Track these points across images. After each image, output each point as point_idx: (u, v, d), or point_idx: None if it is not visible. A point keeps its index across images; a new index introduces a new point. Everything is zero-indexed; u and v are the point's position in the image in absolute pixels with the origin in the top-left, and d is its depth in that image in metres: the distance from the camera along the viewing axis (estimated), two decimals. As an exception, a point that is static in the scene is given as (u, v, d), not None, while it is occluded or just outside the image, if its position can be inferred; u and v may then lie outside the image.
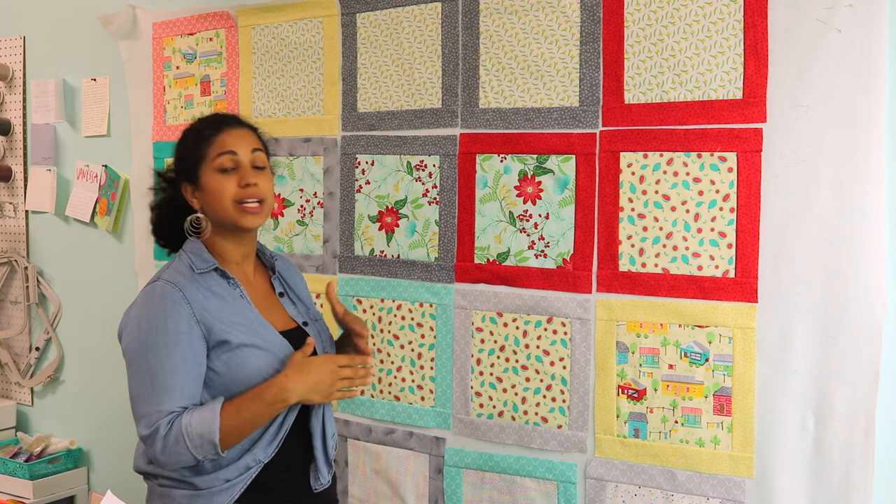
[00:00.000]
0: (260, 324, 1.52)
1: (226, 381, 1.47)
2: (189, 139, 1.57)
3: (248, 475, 1.49)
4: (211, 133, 1.54)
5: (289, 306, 1.64)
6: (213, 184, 1.51)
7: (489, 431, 2.08)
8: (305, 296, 1.72)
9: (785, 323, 1.75)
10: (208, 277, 1.52)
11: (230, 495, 1.48)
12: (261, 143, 1.59)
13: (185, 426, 1.40)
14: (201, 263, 1.52)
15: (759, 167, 1.76)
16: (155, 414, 1.41)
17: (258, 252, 1.67)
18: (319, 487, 1.58)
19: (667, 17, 1.84)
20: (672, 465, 1.86)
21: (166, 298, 1.46)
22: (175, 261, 1.55)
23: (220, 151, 1.52)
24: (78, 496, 2.92)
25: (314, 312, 1.71)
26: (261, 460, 1.49)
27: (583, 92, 1.94)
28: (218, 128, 1.55)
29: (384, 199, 2.21)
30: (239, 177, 1.52)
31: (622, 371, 1.91)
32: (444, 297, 2.13)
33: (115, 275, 2.80)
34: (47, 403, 3.07)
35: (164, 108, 2.62)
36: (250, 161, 1.53)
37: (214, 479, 1.48)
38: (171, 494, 1.50)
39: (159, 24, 2.61)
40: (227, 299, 1.52)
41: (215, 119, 1.59)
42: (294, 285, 1.69)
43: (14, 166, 3.03)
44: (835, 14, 1.66)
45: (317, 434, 1.57)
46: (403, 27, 2.17)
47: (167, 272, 1.51)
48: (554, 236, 1.99)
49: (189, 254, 1.54)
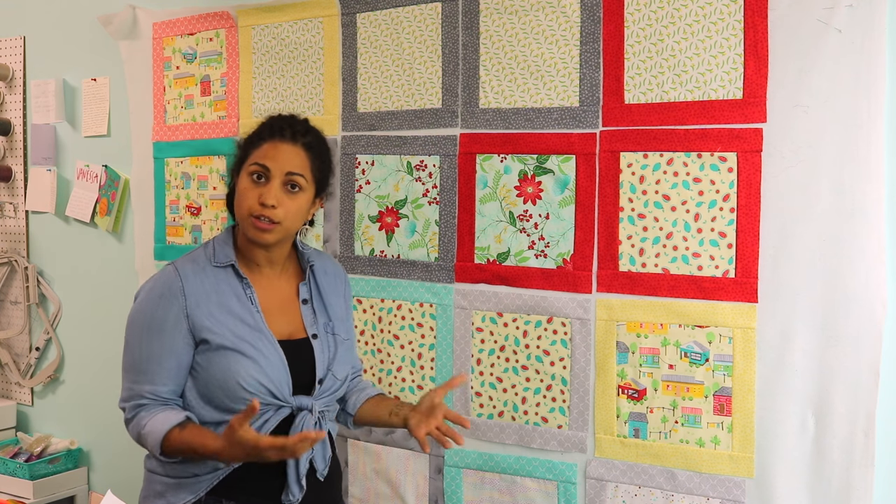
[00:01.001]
0: (256, 329, 1.52)
1: (204, 377, 1.51)
2: (252, 134, 1.57)
3: (216, 476, 1.51)
4: (263, 137, 1.54)
5: (307, 315, 1.61)
6: (241, 188, 1.53)
7: (489, 431, 2.08)
8: (337, 304, 1.67)
9: (785, 323, 1.75)
10: (222, 272, 1.54)
11: (195, 491, 1.51)
12: (307, 166, 1.54)
13: (144, 425, 1.49)
14: (221, 257, 1.55)
15: (759, 167, 1.76)
16: (127, 390, 1.53)
17: (297, 254, 1.66)
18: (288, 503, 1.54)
19: (667, 17, 1.84)
20: (672, 466, 1.86)
21: (165, 285, 1.51)
22: (200, 248, 1.59)
23: (256, 161, 1.52)
24: (78, 496, 2.92)
25: (339, 325, 1.64)
26: (232, 464, 1.50)
27: (583, 92, 1.94)
28: (271, 135, 1.53)
29: (384, 199, 2.21)
30: (262, 192, 1.50)
31: (622, 371, 1.91)
32: (444, 297, 2.13)
33: (115, 275, 2.80)
34: (47, 403, 3.07)
35: (164, 108, 2.62)
36: (282, 181, 1.51)
37: (184, 472, 1.52)
38: (152, 479, 1.59)
39: (159, 24, 2.61)
40: (230, 298, 1.52)
41: (276, 124, 1.56)
42: (326, 293, 1.65)
43: (14, 166, 3.03)
44: (835, 14, 1.66)
45: None
46: (403, 27, 2.17)
47: (185, 257, 1.57)
48: (554, 236, 1.99)
49: (215, 243, 1.57)
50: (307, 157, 1.55)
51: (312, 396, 1.55)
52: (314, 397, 1.55)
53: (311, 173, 1.55)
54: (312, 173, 1.55)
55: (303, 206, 1.55)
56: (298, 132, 1.55)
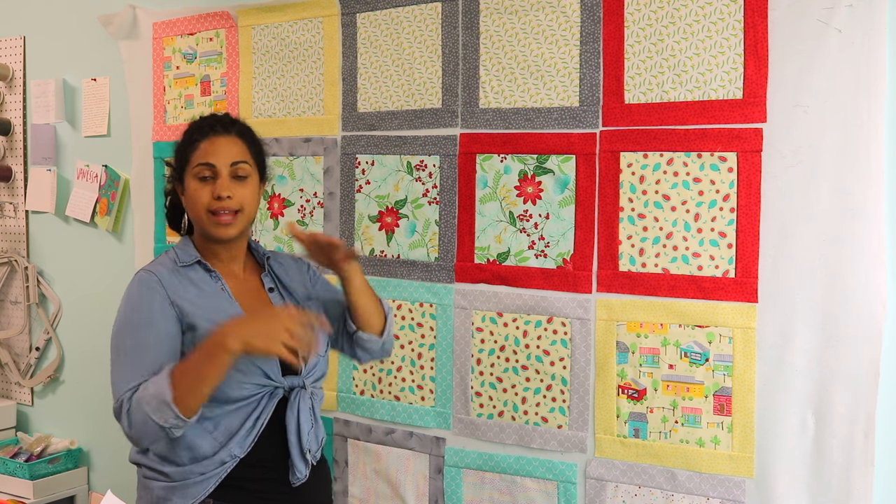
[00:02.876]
0: (237, 315, 1.53)
1: None
2: (183, 140, 1.59)
3: (224, 469, 1.50)
4: (197, 139, 1.55)
5: (277, 301, 1.65)
6: (191, 191, 1.54)
7: (489, 431, 2.08)
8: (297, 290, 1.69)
9: (785, 323, 1.75)
10: (191, 270, 1.56)
11: (204, 488, 1.50)
12: (247, 152, 1.58)
13: (141, 391, 1.41)
14: (185, 257, 1.57)
15: (759, 167, 1.76)
16: (122, 390, 1.45)
17: (251, 250, 1.68)
18: (296, 482, 1.56)
19: (667, 17, 1.84)
20: (672, 465, 1.86)
21: (142, 284, 1.51)
22: (161, 255, 1.60)
23: (199, 161, 1.53)
24: (78, 496, 2.92)
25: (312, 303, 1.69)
26: (236, 455, 1.50)
27: (583, 92, 1.94)
28: (204, 134, 1.55)
29: (384, 199, 2.21)
30: (213, 188, 1.52)
31: (622, 371, 1.91)
32: (444, 297, 2.13)
33: (115, 275, 2.80)
34: (47, 403, 3.06)
35: (164, 108, 2.62)
36: (229, 172, 1.53)
37: (189, 472, 1.49)
38: (151, 486, 1.53)
39: (159, 24, 2.61)
40: (206, 290, 1.54)
41: (205, 124, 1.58)
42: (286, 282, 1.69)
43: (14, 166, 3.03)
44: (835, 14, 1.66)
45: (291, 428, 1.55)
46: (403, 27, 2.17)
47: (149, 264, 1.57)
48: (554, 236, 1.99)
49: (175, 249, 1.59)
50: (244, 144, 1.58)
51: (301, 375, 1.57)
52: (304, 376, 1.57)
53: (252, 158, 1.59)
54: (254, 158, 1.59)
55: (254, 192, 1.58)
56: (228, 123, 1.58)
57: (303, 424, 1.55)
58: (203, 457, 1.49)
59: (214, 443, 1.49)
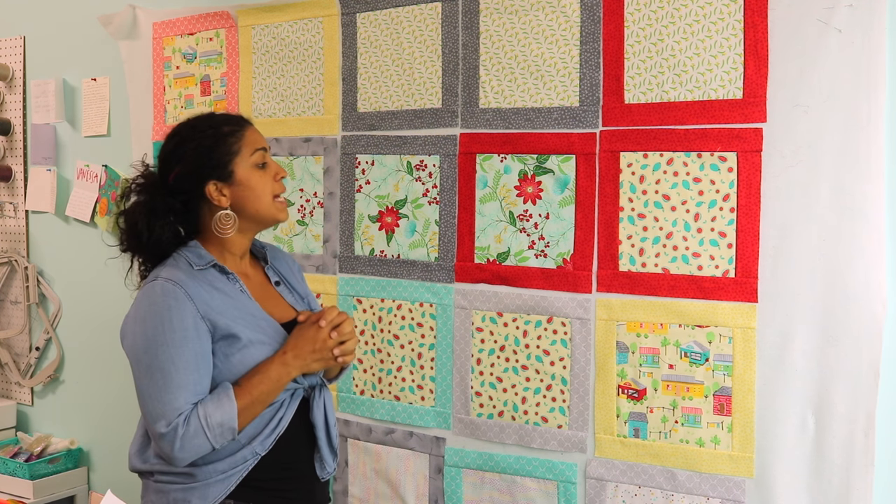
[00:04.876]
0: (262, 318, 1.54)
1: (221, 372, 1.48)
2: (207, 136, 1.53)
3: (245, 467, 1.50)
4: (235, 130, 1.55)
5: (286, 294, 1.66)
6: (254, 180, 1.54)
7: (489, 431, 2.08)
8: (296, 282, 1.72)
9: (785, 323, 1.75)
10: (207, 274, 1.53)
11: (225, 486, 1.49)
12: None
13: (203, 418, 1.42)
14: (199, 261, 1.53)
15: (759, 167, 1.76)
16: (171, 412, 1.41)
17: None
18: (326, 476, 1.61)
19: (667, 17, 1.84)
20: (672, 465, 1.86)
21: (168, 296, 1.45)
22: (171, 260, 1.54)
23: (256, 147, 1.55)
24: (78, 496, 2.92)
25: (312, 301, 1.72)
26: (258, 453, 1.50)
27: (583, 92, 1.94)
28: (240, 125, 1.57)
29: (384, 198, 2.21)
30: (274, 171, 1.57)
31: (622, 371, 1.91)
32: (444, 297, 2.13)
33: (115, 275, 2.79)
34: (47, 403, 3.07)
35: (164, 107, 2.62)
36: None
37: (212, 471, 1.48)
38: (166, 489, 1.50)
39: (159, 24, 2.61)
40: (228, 294, 1.52)
41: (231, 117, 1.59)
42: (287, 274, 1.71)
43: (14, 166, 3.03)
44: (835, 14, 1.66)
45: (319, 424, 1.58)
46: (403, 27, 2.17)
47: (165, 270, 1.50)
48: (554, 236, 1.99)
49: (186, 252, 1.54)
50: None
51: (318, 374, 1.59)
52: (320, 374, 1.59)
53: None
54: None
55: None
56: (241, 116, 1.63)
57: (329, 418, 1.60)
58: (225, 455, 1.49)
59: (237, 444, 1.49)
